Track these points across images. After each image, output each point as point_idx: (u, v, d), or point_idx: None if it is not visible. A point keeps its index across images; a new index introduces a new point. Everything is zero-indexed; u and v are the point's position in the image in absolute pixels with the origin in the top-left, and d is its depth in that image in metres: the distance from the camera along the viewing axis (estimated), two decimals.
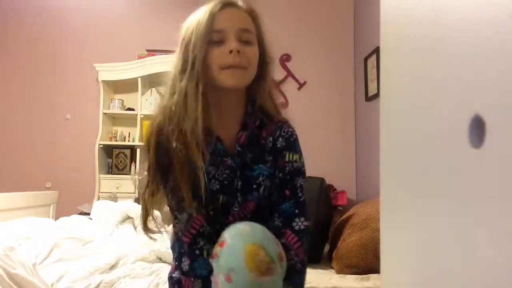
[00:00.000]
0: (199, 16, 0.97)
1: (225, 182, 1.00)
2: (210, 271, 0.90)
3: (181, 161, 0.93)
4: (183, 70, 0.96)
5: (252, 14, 1.02)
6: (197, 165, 0.92)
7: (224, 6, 0.97)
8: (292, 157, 1.03)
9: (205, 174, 0.95)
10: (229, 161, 1.00)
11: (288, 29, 3.74)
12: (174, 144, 0.93)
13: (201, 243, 0.95)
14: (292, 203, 1.00)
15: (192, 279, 0.95)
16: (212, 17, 0.95)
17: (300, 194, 1.01)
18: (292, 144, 1.04)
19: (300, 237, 0.99)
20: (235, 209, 1.01)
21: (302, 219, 1.00)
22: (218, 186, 1.00)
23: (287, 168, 1.02)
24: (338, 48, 3.71)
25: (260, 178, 1.01)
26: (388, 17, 0.72)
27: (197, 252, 0.95)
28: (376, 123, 0.74)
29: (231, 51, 0.94)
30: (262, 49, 1.02)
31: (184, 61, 0.97)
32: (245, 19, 0.99)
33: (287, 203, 1.01)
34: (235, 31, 0.95)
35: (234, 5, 0.99)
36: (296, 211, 1.00)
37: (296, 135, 1.06)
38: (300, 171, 1.03)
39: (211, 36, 0.94)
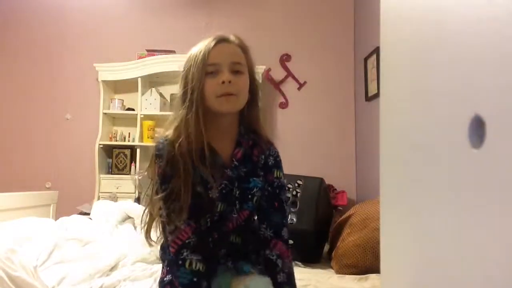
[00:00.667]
0: (197, 50, 1.12)
1: (224, 191, 1.12)
2: (191, 280, 1.03)
3: (186, 172, 1.06)
4: (183, 98, 1.11)
5: (242, 48, 1.16)
6: (202, 174, 1.08)
7: (218, 42, 1.12)
8: (279, 174, 1.21)
9: (205, 184, 1.09)
10: (229, 172, 1.13)
11: (288, 29, 3.74)
12: (180, 158, 1.07)
13: (185, 253, 1.06)
14: (281, 216, 1.19)
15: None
16: (208, 52, 1.09)
17: (285, 207, 1.21)
18: (279, 163, 1.22)
19: (288, 247, 1.18)
20: (233, 215, 1.14)
21: (286, 229, 1.19)
22: (217, 195, 1.11)
23: (275, 183, 1.19)
24: (338, 48, 3.71)
25: (255, 190, 1.16)
26: (388, 17, 0.72)
27: (180, 262, 1.05)
28: (376, 123, 0.74)
29: (223, 82, 1.08)
30: (252, 78, 1.17)
31: (184, 90, 1.11)
32: (237, 53, 1.14)
33: (277, 215, 1.19)
34: (227, 64, 1.10)
35: (226, 40, 1.14)
36: (284, 221, 1.19)
37: (280, 157, 1.24)
38: (284, 187, 1.22)
39: (206, 68, 1.09)
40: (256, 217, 1.22)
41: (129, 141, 3.60)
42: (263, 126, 1.22)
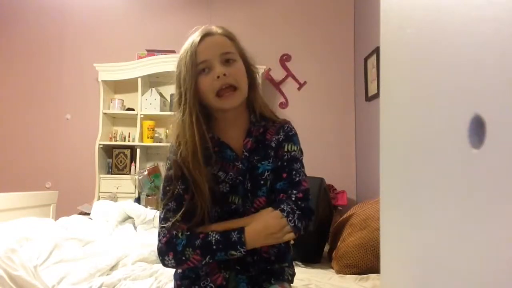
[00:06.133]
0: (184, 51, 1.10)
1: (234, 184, 1.11)
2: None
3: (191, 177, 1.07)
4: (179, 102, 1.11)
5: (228, 36, 1.14)
6: (201, 181, 1.06)
7: (203, 37, 1.10)
8: (291, 148, 1.14)
9: (215, 179, 1.09)
10: (240, 165, 1.12)
11: (288, 29, 3.74)
12: (183, 164, 1.07)
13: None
14: (286, 182, 1.10)
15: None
16: (195, 51, 1.08)
17: (294, 176, 1.11)
18: (291, 137, 1.16)
19: (298, 205, 1.06)
20: (247, 207, 1.11)
21: (295, 191, 1.08)
22: (228, 189, 1.11)
23: (285, 157, 1.13)
24: (338, 48, 3.71)
25: (266, 174, 1.12)
26: (388, 17, 0.72)
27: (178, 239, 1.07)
28: (376, 123, 0.74)
29: (218, 77, 1.06)
30: (246, 61, 1.15)
31: (179, 93, 1.11)
32: (224, 43, 1.11)
33: (281, 182, 1.11)
34: (217, 57, 1.08)
35: (210, 34, 1.11)
36: (289, 188, 1.09)
37: (296, 132, 1.18)
38: (297, 159, 1.14)
39: (198, 67, 1.07)
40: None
41: (129, 141, 3.60)
42: (269, 107, 1.19)
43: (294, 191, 1.08)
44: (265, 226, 1.03)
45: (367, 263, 1.84)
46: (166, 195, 1.09)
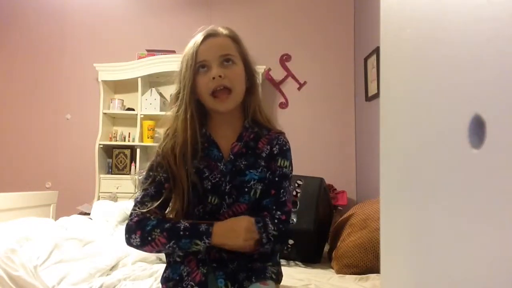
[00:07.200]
0: (187, 49, 1.13)
1: (216, 184, 1.13)
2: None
3: (171, 169, 1.10)
4: (176, 97, 1.14)
5: (233, 38, 1.15)
6: (181, 176, 1.09)
7: (206, 37, 1.12)
8: (283, 163, 1.16)
9: (199, 174, 1.12)
10: (221, 167, 1.13)
11: (288, 29, 3.75)
12: (162, 157, 1.11)
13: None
14: (272, 200, 1.13)
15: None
16: (196, 50, 1.10)
17: (281, 195, 1.13)
18: (285, 152, 1.18)
19: (278, 227, 1.09)
20: (224, 210, 1.13)
21: (279, 212, 1.11)
22: (210, 187, 1.12)
23: (278, 172, 1.15)
24: (338, 48, 3.71)
25: (252, 182, 1.13)
26: (388, 17, 0.72)
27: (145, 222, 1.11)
28: (376, 123, 0.74)
29: (214, 78, 1.08)
30: (247, 65, 1.16)
31: (178, 89, 1.14)
32: (226, 45, 1.13)
33: (268, 199, 1.13)
34: (216, 59, 1.10)
35: (214, 34, 1.13)
36: (274, 206, 1.12)
37: (289, 146, 1.20)
38: (287, 176, 1.16)
39: (197, 66, 1.10)
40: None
41: (129, 141, 3.60)
42: (267, 115, 1.20)
43: (278, 212, 1.11)
44: (233, 224, 1.06)
45: (367, 263, 1.84)
46: (147, 180, 1.11)
